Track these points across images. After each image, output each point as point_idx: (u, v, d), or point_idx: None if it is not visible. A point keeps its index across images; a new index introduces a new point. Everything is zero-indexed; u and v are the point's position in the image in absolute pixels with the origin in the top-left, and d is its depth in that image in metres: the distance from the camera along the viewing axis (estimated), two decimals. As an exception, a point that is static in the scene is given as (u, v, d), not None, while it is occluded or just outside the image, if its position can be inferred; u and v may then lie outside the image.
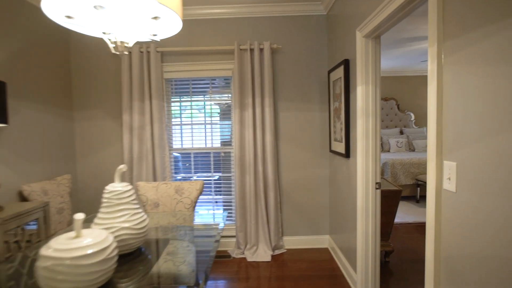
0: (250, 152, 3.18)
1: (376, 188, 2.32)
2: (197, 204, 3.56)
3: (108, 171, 3.36)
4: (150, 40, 1.65)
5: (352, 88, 2.53)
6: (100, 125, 3.34)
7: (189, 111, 3.46)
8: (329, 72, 3.11)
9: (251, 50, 3.18)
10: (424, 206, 4.99)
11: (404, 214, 4.58)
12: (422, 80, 7.41)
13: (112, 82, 3.31)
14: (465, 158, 1.17)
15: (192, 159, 3.49)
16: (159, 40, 1.58)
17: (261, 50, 3.19)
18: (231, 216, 3.50)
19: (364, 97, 2.28)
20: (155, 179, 3.24)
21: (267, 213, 3.28)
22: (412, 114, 7.40)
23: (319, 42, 3.30)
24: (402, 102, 7.49)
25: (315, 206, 3.42)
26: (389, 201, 2.90)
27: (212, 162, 3.46)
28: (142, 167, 3.23)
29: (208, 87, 3.41)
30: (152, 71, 3.17)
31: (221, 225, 2.26)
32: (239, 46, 3.16)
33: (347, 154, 2.63)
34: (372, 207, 2.33)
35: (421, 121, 7.52)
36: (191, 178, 3.51)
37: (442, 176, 1.30)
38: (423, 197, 5.39)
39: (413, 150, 6.79)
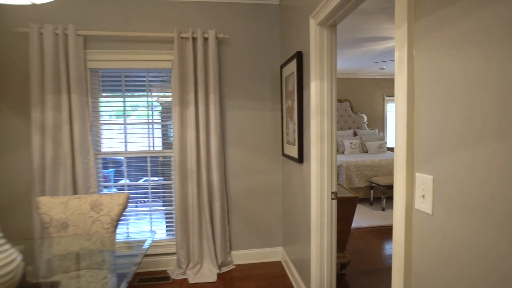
0: (192, 156, 2.76)
1: (332, 199, 2.05)
2: (131, 217, 3.03)
3: (13, 182, 2.70)
4: (30, 3, 1.17)
5: (305, 85, 2.24)
6: (2, 123, 2.67)
7: (122, 109, 2.93)
8: (282, 67, 2.81)
9: (194, 39, 2.76)
10: (378, 208, 4.95)
11: (359, 218, 4.47)
12: (374, 82, 7.54)
13: (18, 70, 2.66)
14: (444, 170, 0.89)
15: (124, 165, 2.96)
16: (38, 3, 1.11)
17: (206, 39, 2.78)
18: (171, 230, 3.04)
19: (318, 94, 1.99)
20: (75, 191, 2.67)
21: (212, 226, 2.88)
22: (365, 116, 7.49)
23: (271, 34, 2.98)
24: (355, 104, 7.56)
25: (267, 216, 3.10)
26: (345, 208, 2.67)
27: (149, 169, 2.97)
28: (58, 176, 2.64)
29: (145, 81, 2.91)
30: (71, 59, 2.60)
31: (147, 243, 1.82)
32: (179, 34, 2.72)
33: (300, 159, 2.33)
34: (328, 219, 2.05)
35: (374, 123, 7.66)
36: (124, 188, 2.98)
37: (414, 193, 1.02)
38: (376, 199, 5.38)
39: (366, 152, 6.84)
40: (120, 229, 2.95)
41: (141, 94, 2.95)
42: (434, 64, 0.93)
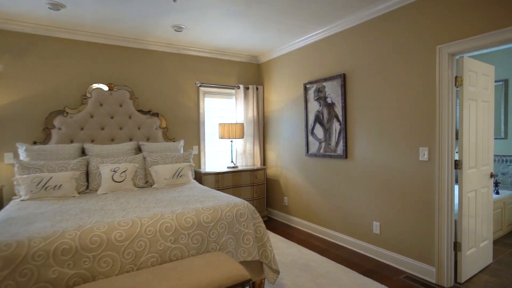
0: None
1: None
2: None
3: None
4: None
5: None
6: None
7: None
8: None
9: None
10: None
11: None
12: (178, 60, 4.38)
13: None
14: None
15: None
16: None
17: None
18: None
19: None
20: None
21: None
22: (160, 119, 4.22)
23: None
24: (141, 95, 4.21)
25: None
26: None
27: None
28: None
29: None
30: None
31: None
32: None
33: None
34: None
35: (177, 131, 4.46)
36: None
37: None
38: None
39: (151, 185, 3.54)
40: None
41: None
42: None
